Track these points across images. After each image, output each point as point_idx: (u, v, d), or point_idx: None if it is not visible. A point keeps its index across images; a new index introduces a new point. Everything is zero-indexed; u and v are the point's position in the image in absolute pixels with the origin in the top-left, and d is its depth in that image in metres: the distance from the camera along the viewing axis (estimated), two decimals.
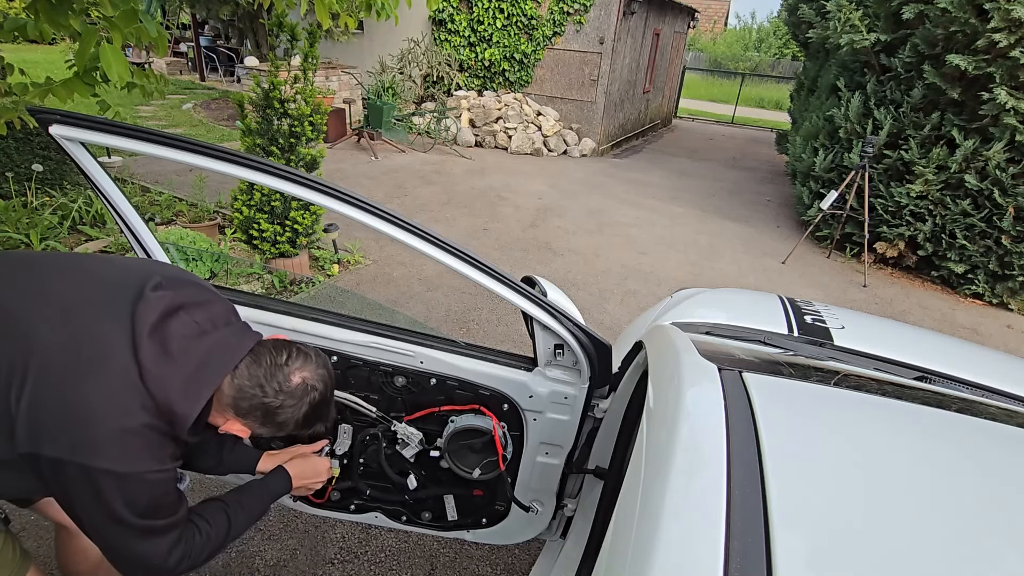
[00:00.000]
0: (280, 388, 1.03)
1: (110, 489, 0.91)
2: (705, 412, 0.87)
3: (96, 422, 0.89)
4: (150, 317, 0.96)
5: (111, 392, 0.91)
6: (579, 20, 9.09)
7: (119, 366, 0.92)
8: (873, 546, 0.64)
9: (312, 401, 1.07)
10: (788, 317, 1.90)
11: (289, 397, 1.04)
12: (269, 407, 1.03)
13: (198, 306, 1.06)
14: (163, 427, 0.96)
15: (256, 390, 1.02)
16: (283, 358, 1.05)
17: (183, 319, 1.01)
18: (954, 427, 1.00)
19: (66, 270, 1.05)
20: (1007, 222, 4.77)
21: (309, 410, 1.07)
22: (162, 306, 0.99)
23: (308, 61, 3.35)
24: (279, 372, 1.04)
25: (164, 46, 1.81)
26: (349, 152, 8.15)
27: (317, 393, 1.08)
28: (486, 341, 3.55)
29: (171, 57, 14.52)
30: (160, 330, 0.97)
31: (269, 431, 1.08)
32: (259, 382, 1.03)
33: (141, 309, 0.97)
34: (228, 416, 1.05)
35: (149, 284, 1.02)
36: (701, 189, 8.21)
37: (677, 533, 0.65)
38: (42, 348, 0.92)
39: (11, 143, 4.30)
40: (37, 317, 0.95)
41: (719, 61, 25.15)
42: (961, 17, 4.53)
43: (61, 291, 1.00)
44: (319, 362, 1.10)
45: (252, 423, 1.06)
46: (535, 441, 1.52)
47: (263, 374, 1.03)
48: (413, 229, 1.18)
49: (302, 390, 1.05)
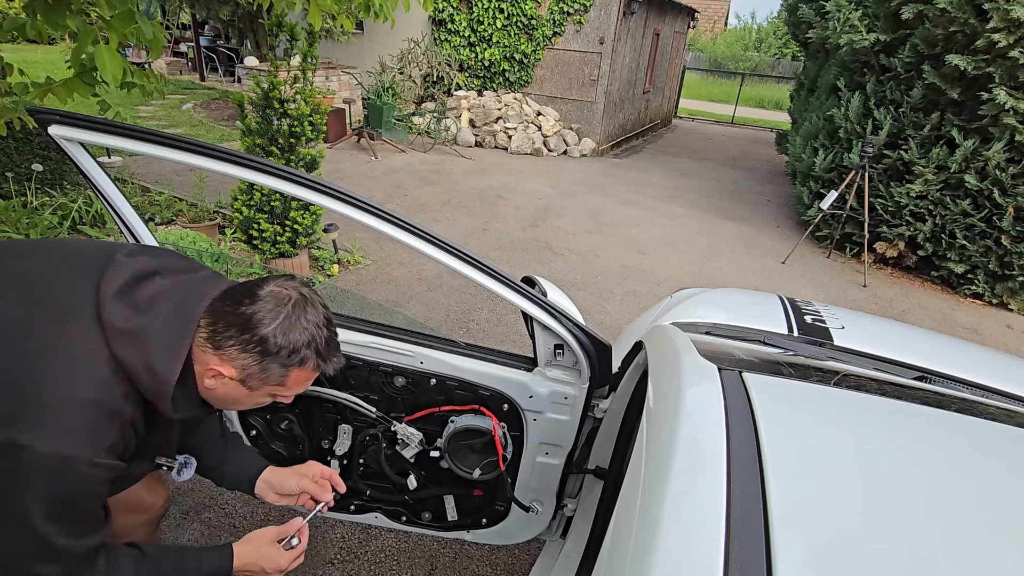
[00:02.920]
0: (255, 295, 0.92)
1: (24, 473, 0.78)
2: (705, 412, 0.87)
3: (36, 391, 0.80)
4: (118, 279, 0.88)
5: (63, 358, 0.82)
6: (579, 20, 9.09)
7: (77, 329, 0.84)
8: (873, 546, 0.64)
9: (292, 311, 0.93)
10: (788, 317, 1.90)
11: (264, 302, 0.91)
12: (243, 317, 0.90)
13: (177, 271, 0.96)
14: (118, 404, 0.86)
15: (230, 306, 0.91)
16: (259, 279, 0.96)
17: (158, 282, 0.92)
18: (954, 427, 1.00)
19: (33, 246, 0.99)
20: (1007, 222, 4.77)
21: (292, 322, 0.92)
22: (134, 269, 0.91)
23: (307, 61, 3.34)
24: (254, 286, 0.94)
25: (160, 47, 1.81)
26: (349, 152, 8.15)
27: (299, 305, 0.94)
28: (486, 341, 3.55)
29: (171, 57, 14.52)
30: (129, 291, 0.88)
31: (255, 364, 0.92)
32: (234, 298, 0.92)
33: (109, 272, 0.89)
34: (208, 358, 0.92)
35: (122, 251, 0.94)
36: (701, 189, 8.21)
37: (677, 533, 0.65)
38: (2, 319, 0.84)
39: (11, 143, 4.30)
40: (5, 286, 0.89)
41: (719, 61, 25.15)
42: (960, 17, 4.53)
43: (22, 263, 0.93)
44: (304, 282, 0.99)
45: (233, 352, 0.91)
46: (535, 441, 1.52)
47: (237, 293, 0.93)
48: (413, 229, 1.18)
49: (280, 296, 0.93)
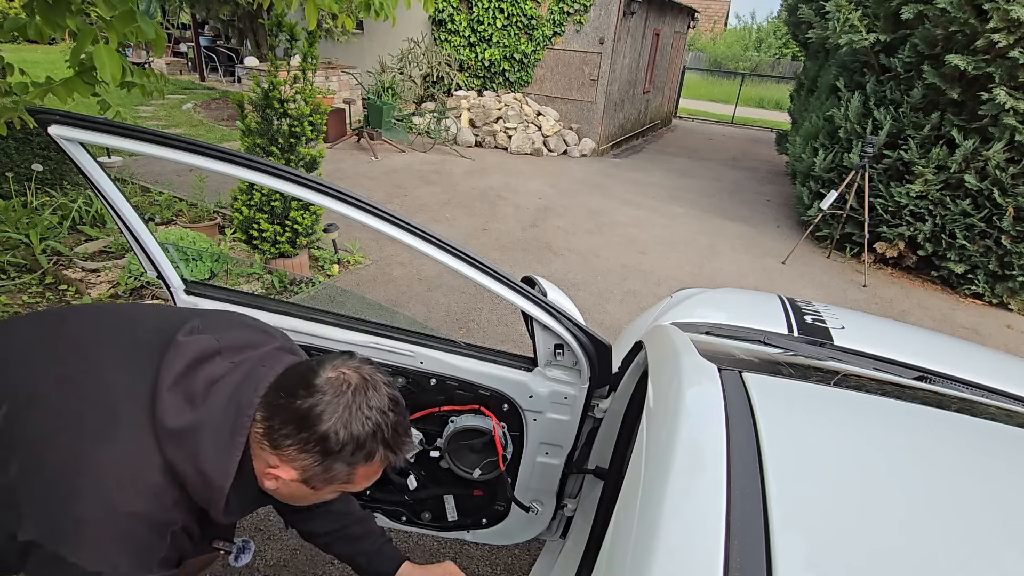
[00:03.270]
0: (311, 384, 0.82)
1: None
2: (705, 412, 0.87)
3: (81, 501, 0.74)
4: (176, 366, 0.82)
5: (110, 466, 0.76)
6: (579, 20, 9.09)
7: (128, 432, 0.78)
8: (873, 546, 0.64)
9: (353, 399, 0.82)
10: (788, 317, 1.90)
11: (322, 393, 0.81)
12: (299, 413, 0.81)
13: (239, 348, 0.89)
14: (169, 515, 0.80)
15: (284, 398, 0.83)
16: (315, 361, 0.87)
17: (217, 365, 0.85)
18: (954, 427, 1.00)
19: (90, 315, 0.94)
20: (1007, 222, 4.77)
21: (353, 413, 0.82)
22: (195, 352, 0.84)
23: (307, 61, 3.34)
24: (309, 373, 0.84)
25: (161, 47, 1.81)
26: (349, 152, 8.15)
27: (360, 391, 0.83)
28: (486, 341, 3.55)
29: (171, 57, 14.52)
30: (186, 380, 0.82)
31: (319, 461, 0.83)
32: (287, 387, 0.84)
33: (169, 358, 0.83)
34: (267, 456, 0.84)
35: (184, 328, 0.88)
36: (701, 189, 8.21)
37: (677, 533, 0.65)
38: (42, 401, 0.79)
39: (11, 143, 4.30)
40: (43, 364, 0.83)
41: (719, 61, 25.15)
42: (960, 17, 4.53)
43: (77, 335, 0.88)
44: (364, 360, 0.89)
45: (291, 452, 0.82)
46: (535, 441, 1.52)
47: (291, 382, 0.84)
48: (413, 229, 1.18)
49: (338, 383, 0.83)
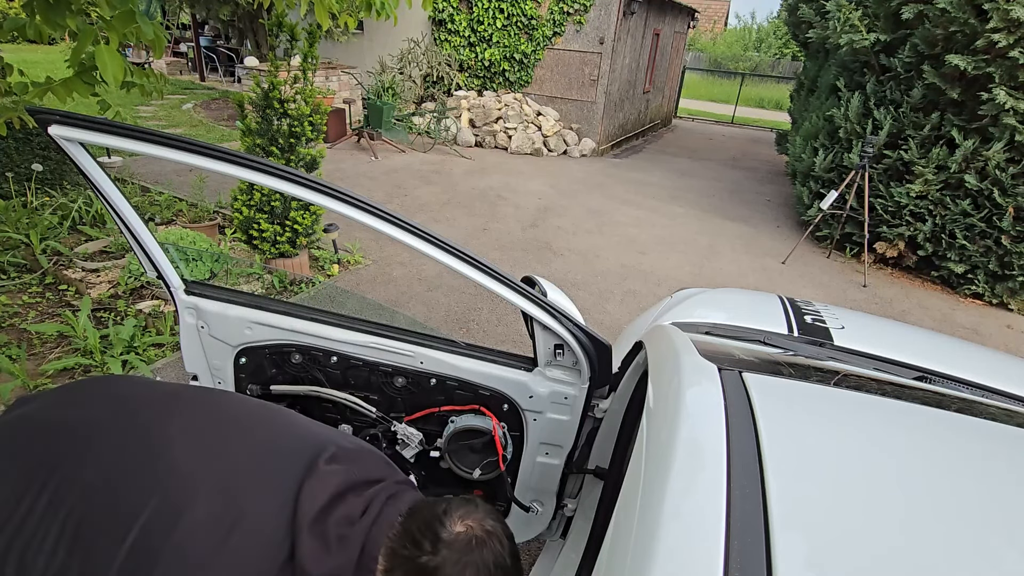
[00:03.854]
0: (438, 539, 0.80)
1: None
2: (705, 412, 0.87)
3: None
4: (319, 499, 0.81)
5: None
6: (579, 20, 9.09)
7: (267, 566, 0.77)
8: (873, 546, 0.64)
9: (483, 561, 0.81)
10: (788, 317, 1.90)
11: (449, 550, 0.80)
12: (425, 571, 0.79)
13: (369, 483, 0.89)
14: None
15: (408, 548, 0.81)
16: (440, 508, 0.85)
17: (350, 502, 0.84)
18: (954, 427, 1.00)
19: (233, 423, 0.92)
20: (1007, 222, 4.77)
21: (480, 570, 0.81)
22: (334, 486, 0.84)
23: (308, 61, 3.34)
24: (436, 522, 0.82)
25: (162, 47, 1.81)
26: (349, 152, 8.15)
27: (487, 550, 0.82)
28: (486, 341, 3.55)
29: (171, 57, 14.52)
30: (325, 519, 0.81)
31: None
32: (413, 537, 0.81)
33: (309, 488, 0.82)
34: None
35: (324, 455, 0.87)
36: (701, 189, 8.21)
37: (677, 533, 0.65)
38: (187, 522, 0.77)
39: (11, 143, 4.30)
40: (191, 480, 0.81)
41: (719, 61, 25.15)
42: (960, 17, 4.53)
43: (224, 454, 0.85)
44: (487, 510, 0.88)
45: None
46: (535, 441, 1.52)
47: (417, 531, 0.82)
48: (413, 229, 1.18)
49: (465, 541, 0.81)
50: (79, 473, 0.81)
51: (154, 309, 3.33)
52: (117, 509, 0.78)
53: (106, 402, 0.95)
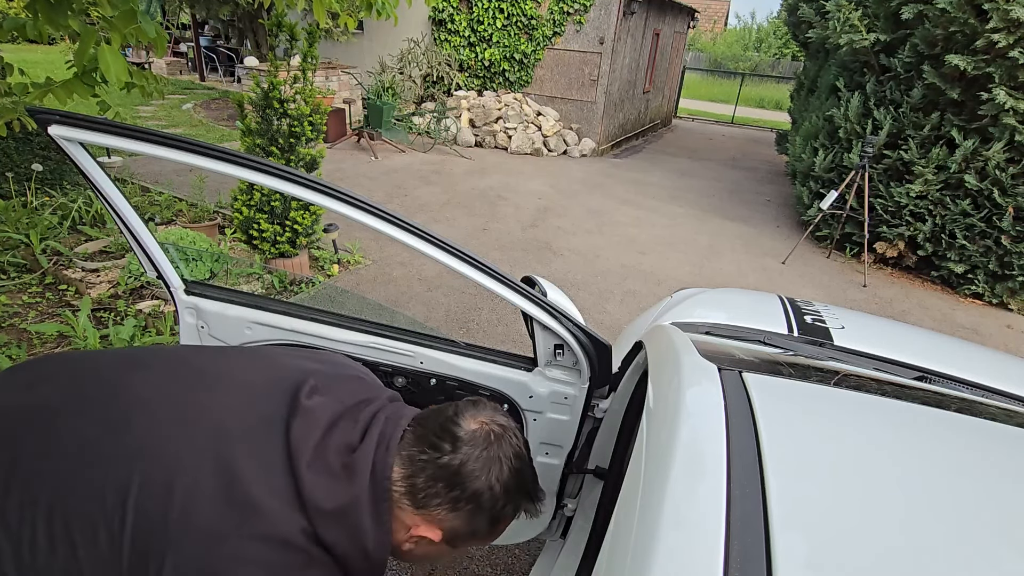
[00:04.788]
0: (456, 438, 0.81)
1: None
2: (705, 412, 0.87)
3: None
4: (310, 439, 0.77)
5: (269, 559, 0.71)
6: (579, 20, 9.09)
7: (278, 517, 0.72)
8: (873, 546, 0.64)
9: (504, 454, 0.83)
10: (788, 317, 1.90)
11: (470, 447, 0.81)
12: (450, 469, 0.80)
13: (359, 405, 0.86)
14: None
15: (428, 452, 0.80)
16: (450, 411, 0.85)
17: (346, 429, 0.81)
18: (954, 427, 1.00)
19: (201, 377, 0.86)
20: (1007, 222, 4.77)
21: (503, 467, 0.82)
22: (324, 419, 0.80)
23: (307, 61, 3.34)
24: (449, 424, 0.83)
25: (163, 46, 1.81)
26: (349, 152, 8.15)
27: (505, 443, 0.84)
28: (486, 341, 3.55)
29: (171, 57, 14.52)
30: (324, 455, 0.77)
31: (466, 519, 0.82)
32: (429, 442, 0.81)
33: (298, 428, 0.78)
34: (407, 517, 0.82)
35: (304, 390, 0.82)
36: (701, 189, 8.21)
37: (677, 533, 0.65)
38: (181, 493, 0.71)
39: (11, 143, 4.30)
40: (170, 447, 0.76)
41: (719, 61, 25.15)
42: (960, 17, 4.53)
43: (201, 412, 0.79)
44: (494, 407, 0.89)
45: (440, 512, 0.81)
46: (535, 441, 1.52)
47: (431, 432, 0.82)
48: (413, 229, 1.18)
49: (484, 436, 0.82)
50: (43, 464, 0.74)
51: (154, 309, 3.33)
52: (100, 495, 0.71)
53: (61, 379, 0.86)
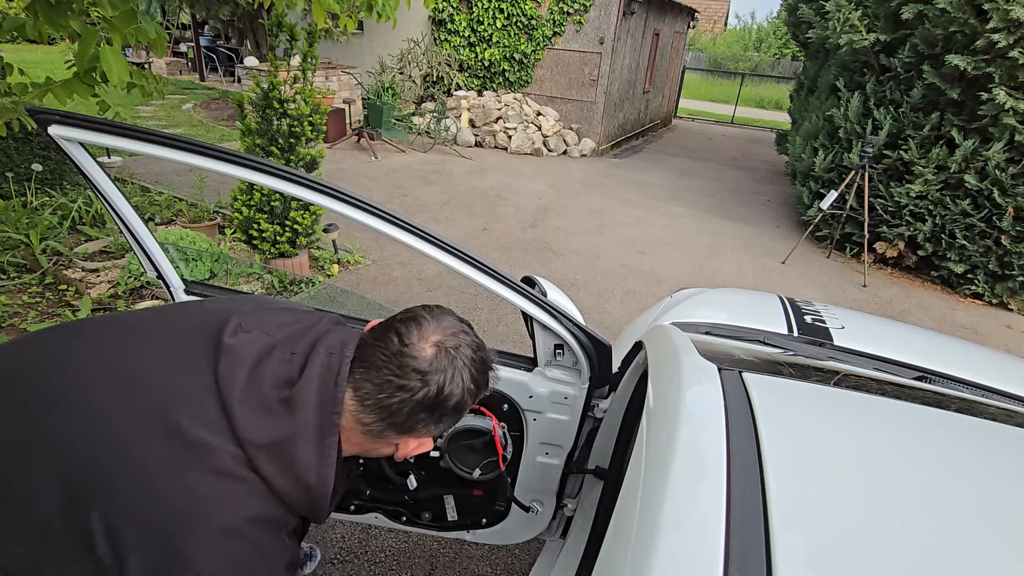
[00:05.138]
0: (422, 372, 0.79)
1: None
2: (705, 412, 0.87)
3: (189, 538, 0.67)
4: (238, 376, 0.75)
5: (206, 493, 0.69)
6: (579, 20, 9.09)
7: (213, 461, 0.71)
8: (873, 546, 0.64)
9: (465, 359, 0.83)
10: (788, 317, 1.90)
11: (438, 374, 0.80)
12: (428, 399, 0.80)
13: (293, 337, 0.83)
14: (277, 516, 0.75)
15: (399, 394, 0.79)
16: (394, 340, 0.81)
17: (279, 364, 0.78)
18: (954, 427, 1.00)
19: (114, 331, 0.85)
20: (1007, 222, 4.77)
21: (470, 370, 0.83)
22: (250, 355, 0.78)
23: (307, 61, 3.34)
24: (405, 358, 0.80)
25: (163, 46, 1.81)
26: (349, 152, 8.15)
27: (464, 348, 0.84)
28: (486, 341, 3.54)
29: (171, 57, 14.52)
30: (253, 387, 0.75)
31: (450, 420, 0.85)
32: (395, 384, 0.79)
33: (224, 369, 0.75)
34: (392, 437, 0.84)
35: (226, 331, 0.80)
36: (701, 189, 8.21)
37: (677, 533, 0.65)
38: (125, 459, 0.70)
39: (11, 143, 4.30)
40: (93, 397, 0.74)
41: (719, 61, 25.15)
42: (960, 17, 4.53)
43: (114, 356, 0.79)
44: (428, 314, 0.86)
45: (425, 428, 0.84)
46: (535, 441, 1.52)
47: (389, 372, 0.79)
48: (413, 229, 1.18)
49: (444, 355, 0.81)
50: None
51: None
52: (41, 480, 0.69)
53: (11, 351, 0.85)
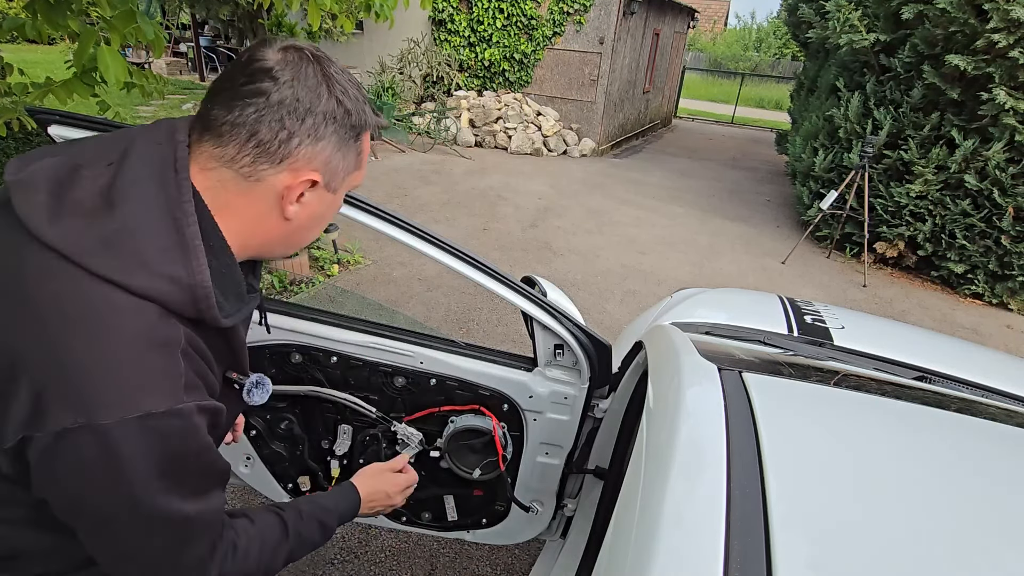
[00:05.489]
0: (271, 71, 0.65)
1: (118, 457, 0.59)
2: (705, 412, 0.87)
3: (70, 367, 0.58)
4: (36, 198, 0.61)
5: (73, 313, 0.59)
6: (579, 20, 9.09)
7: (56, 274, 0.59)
8: (873, 546, 0.64)
9: (328, 67, 0.68)
10: (788, 317, 1.90)
11: (292, 68, 0.66)
12: (287, 100, 0.65)
13: (106, 150, 0.67)
14: (161, 332, 0.62)
15: (253, 102, 0.65)
16: (242, 58, 0.68)
17: (87, 176, 0.64)
18: (954, 427, 1.00)
19: None
20: (1007, 222, 4.77)
21: (338, 77, 0.69)
22: (48, 178, 0.63)
23: None
24: (254, 66, 0.66)
25: (161, 46, 1.81)
26: None
27: (323, 60, 0.69)
28: (486, 341, 3.55)
29: (171, 57, 14.52)
30: (61, 203, 0.61)
31: (334, 144, 0.69)
32: (244, 93, 0.65)
33: (19, 202, 0.61)
34: (273, 180, 0.68)
35: (8, 172, 0.65)
36: (701, 189, 8.21)
37: (677, 533, 0.65)
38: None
39: (11, 143, 4.30)
40: None
41: (719, 61, 25.16)
42: (960, 17, 4.53)
43: None
44: (276, 41, 0.71)
45: (305, 149, 0.67)
46: (535, 441, 1.52)
47: (237, 92, 0.65)
48: (413, 229, 1.18)
49: (298, 56, 0.67)
50: None
51: None
52: None
53: None
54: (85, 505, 0.63)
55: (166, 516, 0.64)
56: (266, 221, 0.71)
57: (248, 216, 0.70)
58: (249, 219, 0.70)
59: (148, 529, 0.65)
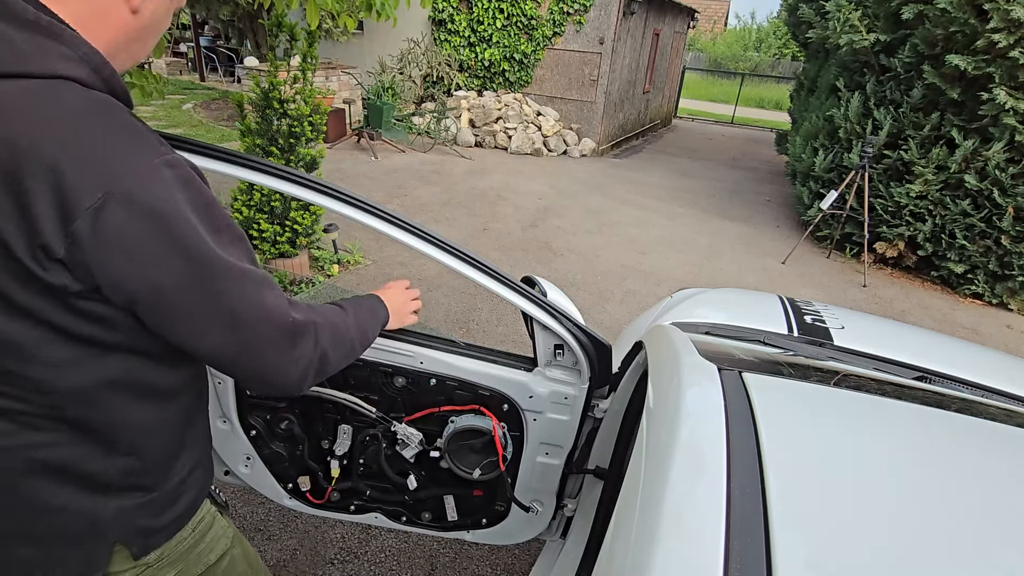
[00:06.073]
0: None
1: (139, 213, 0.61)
2: (705, 412, 0.87)
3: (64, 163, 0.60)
4: None
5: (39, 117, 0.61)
6: (579, 20, 9.09)
7: None
8: (873, 546, 0.64)
9: None
10: (788, 317, 1.90)
11: None
12: None
13: None
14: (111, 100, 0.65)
15: None
16: None
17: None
18: (954, 427, 1.00)
19: None
20: (1007, 222, 4.77)
21: None
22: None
23: (307, 61, 3.35)
24: None
25: (161, 47, 1.81)
26: (349, 152, 8.15)
27: None
28: (486, 341, 3.55)
29: (171, 57, 14.52)
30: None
31: None
32: None
33: None
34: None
35: None
36: (701, 189, 8.21)
37: (677, 533, 0.65)
38: None
39: None
40: None
41: (719, 61, 25.16)
42: (960, 17, 4.53)
43: None
44: None
45: None
46: (535, 441, 1.52)
47: None
48: (413, 229, 1.18)
49: None
50: None
51: None
52: None
53: None
54: (147, 273, 0.64)
55: (225, 262, 0.67)
56: (113, 14, 0.68)
57: (94, 5, 0.67)
58: (96, 8, 0.67)
59: (212, 274, 0.67)
